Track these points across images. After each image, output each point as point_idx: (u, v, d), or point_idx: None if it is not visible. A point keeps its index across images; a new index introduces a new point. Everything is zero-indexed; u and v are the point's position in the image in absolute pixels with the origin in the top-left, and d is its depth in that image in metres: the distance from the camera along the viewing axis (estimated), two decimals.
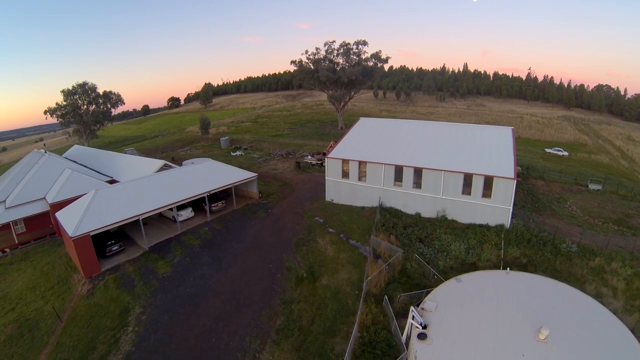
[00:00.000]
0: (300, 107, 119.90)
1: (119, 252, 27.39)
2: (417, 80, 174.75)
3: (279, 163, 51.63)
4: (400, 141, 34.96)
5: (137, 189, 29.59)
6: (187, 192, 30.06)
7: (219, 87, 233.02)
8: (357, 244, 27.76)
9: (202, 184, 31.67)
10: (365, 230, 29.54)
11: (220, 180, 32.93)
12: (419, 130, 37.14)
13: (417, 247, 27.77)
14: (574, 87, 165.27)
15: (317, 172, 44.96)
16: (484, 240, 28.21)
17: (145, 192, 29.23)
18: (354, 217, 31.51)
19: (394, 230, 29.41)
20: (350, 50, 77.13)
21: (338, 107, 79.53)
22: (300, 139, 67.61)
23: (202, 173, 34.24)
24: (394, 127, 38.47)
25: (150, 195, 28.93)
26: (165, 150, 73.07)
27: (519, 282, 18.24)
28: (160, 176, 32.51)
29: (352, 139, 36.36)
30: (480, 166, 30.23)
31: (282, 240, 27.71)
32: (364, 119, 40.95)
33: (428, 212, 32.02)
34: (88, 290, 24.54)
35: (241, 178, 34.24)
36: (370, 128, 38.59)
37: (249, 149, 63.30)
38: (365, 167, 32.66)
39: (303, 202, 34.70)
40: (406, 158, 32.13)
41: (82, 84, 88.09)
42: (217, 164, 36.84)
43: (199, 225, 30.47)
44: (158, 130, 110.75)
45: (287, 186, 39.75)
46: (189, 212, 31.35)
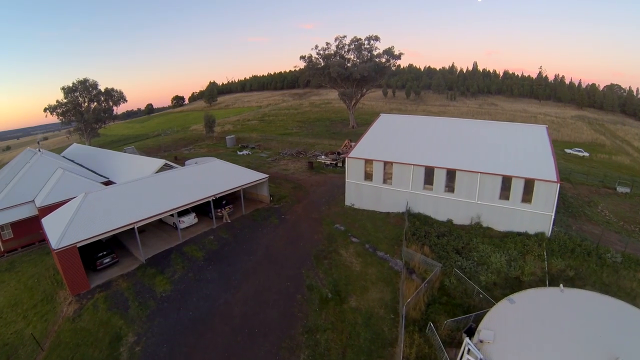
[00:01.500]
0: (307, 105, 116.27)
1: (112, 264, 23.82)
2: (426, 79, 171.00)
3: (290, 163, 47.95)
4: (427, 140, 31.15)
5: (133, 192, 26.00)
6: (189, 196, 26.44)
7: (224, 86, 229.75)
8: (386, 256, 24.01)
9: (207, 187, 28.04)
10: (394, 239, 25.81)
11: (227, 182, 29.28)
12: (447, 128, 33.30)
13: (455, 259, 24.22)
14: (584, 87, 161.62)
15: (332, 172, 41.25)
16: (525, 251, 24.90)
17: (142, 196, 25.64)
18: (378, 224, 27.76)
19: (426, 239, 25.73)
20: (361, 46, 73.39)
21: (349, 105, 75.77)
22: (310, 137, 63.90)
23: (206, 174, 30.61)
24: (419, 125, 34.62)
25: (148, 199, 25.33)
26: (168, 149, 69.77)
27: (577, 302, 16.18)
28: (160, 178, 28.87)
29: (373, 137, 32.58)
30: (520, 168, 26.70)
31: (300, 252, 23.97)
32: (384, 116, 37.17)
33: (461, 218, 28.35)
34: (74, 312, 20.95)
35: (251, 180, 30.56)
36: (392, 125, 34.80)
37: (256, 148, 59.71)
38: (391, 168, 28.89)
39: (319, 207, 30.98)
40: (437, 158, 28.39)
41: (82, 80, 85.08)
42: (224, 164, 33.21)
43: (203, 233, 26.81)
44: (161, 129, 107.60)
45: (300, 189, 36.04)
46: (191, 218, 27.71)
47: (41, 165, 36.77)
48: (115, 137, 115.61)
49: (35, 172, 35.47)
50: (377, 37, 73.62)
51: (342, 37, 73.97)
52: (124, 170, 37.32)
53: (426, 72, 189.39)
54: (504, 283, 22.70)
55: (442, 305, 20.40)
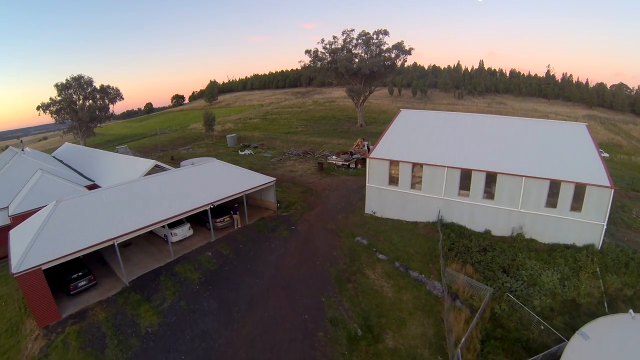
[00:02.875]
0: (311, 103, 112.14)
1: (88, 288, 19.67)
2: (432, 78, 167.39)
3: (297, 164, 43.76)
4: (459, 139, 27.00)
5: (115, 200, 21.81)
6: (183, 204, 22.27)
7: (225, 85, 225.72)
8: (421, 278, 19.88)
9: (204, 193, 23.89)
10: (427, 255, 21.71)
11: (227, 187, 25.11)
12: (477, 125, 29.13)
13: (502, 280, 20.43)
14: (592, 86, 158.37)
15: (345, 174, 37.07)
16: (577, 267, 21.41)
17: (125, 204, 21.46)
18: (407, 236, 23.62)
19: (467, 256, 21.68)
20: (370, 40, 69.18)
21: (357, 103, 71.55)
22: (316, 136, 59.70)
23: (204, 177, 26.44)
24: (446, 122, 30.41)
25: (133, 208, 21.16)
26: (165, 149, 65.67)
27: None
28: (148, 182, 24.63)
29: (395, 135, 28.39)
30: (568, 171, 22.95)
31: (317, 273, 19.78)
32: (405, 112, 32.97)
33: (501, 229, 24.41)
34: (40, 350, 16.80)
35: (255, 184, 26.36)
36: (415, 122, 30.60)
37: (259, 148, 55.55)
38: (420, 171, 24.74)
39: (335, 215, 26.81)
40: (474, 160, 24.32)
41: (76, 77, 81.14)
42: (224, 166, 28.99)
43: (200, 248, 22.61)
44: (159, 128, 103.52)
45: (311, 193, 31.84)
46: (185, 229, 23.48)
47: (20, 167, 32.71)
48: (113, 136, 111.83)
49: (14, 175, 31.42)
50: (386, 31, 69.46)
51: (349, 31, 69.71)
52: (111, 172, 33.19)
53: (431, 70, 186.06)
54: (561, 307, 19.18)
55: (499, 341, 16.53)
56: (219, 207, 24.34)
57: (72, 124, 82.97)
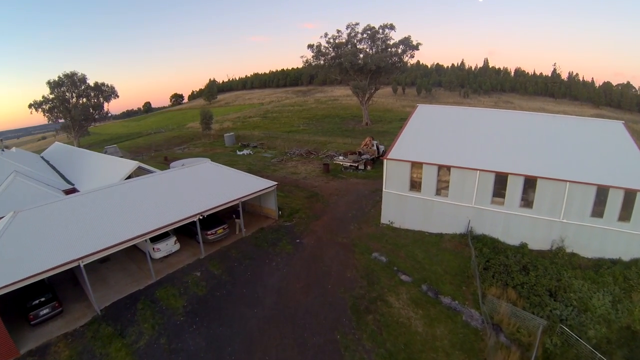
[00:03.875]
0: (313, 102, 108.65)
1: (53, 316, 16.23)
2: (436, 76, 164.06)
3: (299, 165, 40.25)
4: (488, 138, 23.53)
5: (87, 209, 18.37)
6: (167, 214, 18.82)
7: (224, 84, 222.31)
8: (455, 305, 16.43)
9: (193, 200, 20.43)
10: (458, 275, 18.28)
11: (220, 193, 21.65)
12: (506, 122, 25.68)
13: (551, 305, 17.17)
14: (599, 85, 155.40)
15: (354, 177, 33.58)
16: (629, 287, 18.14)
17: (98, 214, 18.01)
18: (432, 251, 20.18)
19: (507, 276, 18.25)
20: (375, 35, 65.68)
21: (362, 100, 68.06)
22: (320, 135, 56.20)
23: (193, 182, 22.98)
24: (470, 118, 26.91)
25: (107, 219, 17.71)
26: (159, 149, 62.22)
27: None
28: (127, 187, 21.13)
29: (414, 133, 24.91)
30: (615, 175, 19.70)
31: (329, 301, 16.30)
32: (423, 107, 29.52)
33: (539, 242, 21.08)
34: None
35: (253, 189, 22.87)
36: (436, 119, 27.13)
37: (258, 147, 52.06)
38: (447, 174, 21.27)
39: (346, 226, 23.32)
40: (509, 162, 20.95)
41: (69, 74, 77.81)
42: (217, 168, 25.50)
43: (187, 267, 19.14)
44: (156, 127, 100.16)
45: (317, 198, 28.36)
46: (170, 244, 19.96)
47: None
48: (108, 135, 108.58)
49: None
50: (393, 25, 66.03)
51: (354, 25, 66.23)
52: (91, 174, 29.75)
53: (435, 69, 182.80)
54: (618, 337, 16.04)
55: None
56: (211, 217, 20.87)
57: (65, 123, 79.87)
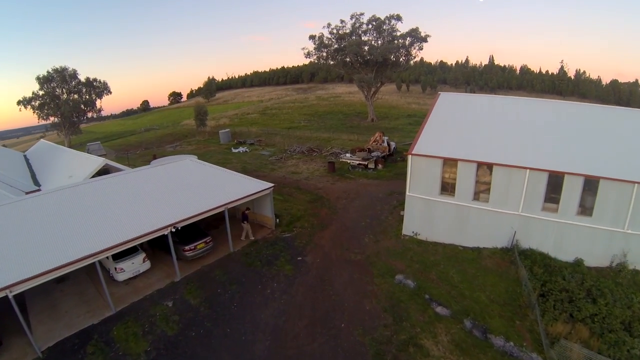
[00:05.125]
0: (314, 99, 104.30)
1: None
2: (440, 73, 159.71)
3: (301, 163, 35.75)
4: (531, 131, 18.98)
5: (30, 217, 13.92)
6: (131, 226, 14.38)
7: (224, 82, 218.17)
8: (510, 348, 11.97)
9: (166, 206, 15.99)
10: (508, 303, 13.86)
11: (202, 198, 17.22)
12: (552, 114, 21.03)
13: (629, 344, 12.85)
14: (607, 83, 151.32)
15: (363, 177, 29.07)
16: None
17: (43, 225, 13.56)
18: (470, 271, 15.72)
19: (572, 306, 13.90)
20: (381, 26, 61.28)
21: (367, 95, 63.63)
22: (323, 131, 51.69)
23: (169, 183, 18.52)
24: (505, 108, 22.35)
25: (53, 231, 13.27)
26: (150, 146, 57.87)
27: None
28: (86, 190, 16.65)
29: (440, 125, 20.36)
30: None
31: (344, 348, 11.78)
32: (446, 95, 24.99)
33: (597, 257, 16.73)
34: None
35: (243, 192, 18.41)
36: (463, 108, 22.60)
37: (256, 144, 47.57)
38: (488, 174, 16.80)
39: (360, 238, 18.83)
40: (564, 160, 16.47)
41: (59, 69, 73.51)
42: (200, 167, 21.03)
43: (158, 293, 14.69)
44: (150, 125, 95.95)
45: (321, 203, 23.87)
46: (137, 262, 15.50)
47: None
48: (102, 134, 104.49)
49: None
50: (399, 16, 61.60)
51: (358, 15, 61.82)
52: (58, 173, 25.39)
53: (439, 66, 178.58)
54: None
55: None
56: (190, 228, 16.45)
57: (57, 120, 75.96)
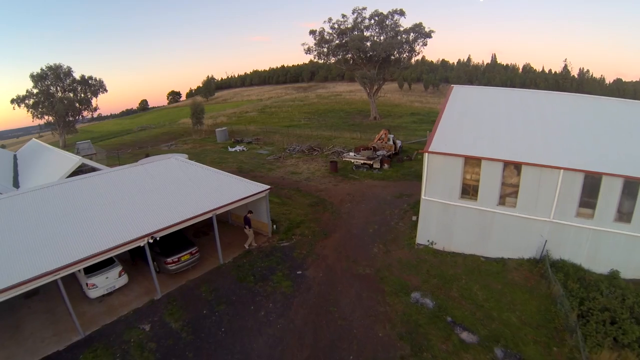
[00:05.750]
0: (314, 97, 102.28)
1: None
2: (442, 72, 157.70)
3: (301, 163, 33.58)
4: (562, 128, 16.76)
5: None
6: (102, 235, 12.26)
7: (223, 81, 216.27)
8: None
9: (144, 213, 13.84)
10: (542, 325, 11.78)
11: (187, 202, 15.09)
12: (581, 110, 18.83)
13: None
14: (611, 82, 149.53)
15: (369, 178, 26.92)
16: None
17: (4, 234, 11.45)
18: (495, 287, 13.59)
19: (617, 330, 11.81)
20: (384, 21, 59.19)
21: (370, 92, 61.54)
22: (324, 130, 49.55)
23: (149, 185, 16.36)
24: (527, 103, 20.07)
25: (6, 244, 11.15)
26: (144, 145, 55.83)
27: None
28: (50, 194, 14.49)
29: (456, 120, 18.17)
30: None
31: None
32: (459, 88, 22.69)
33: (634, 268, 14.69)
34: None
35: (234, 196, 16.23)
36: (480, 103, 20.40)
37: (254, 143, 45.42)
38: (516, 174, 14.64)
39: (368, 247, 16.68)
40: (601, 159, 14.34)
41: (53, 66, 71.56)
42: (186, 167, 18.84)
43: (134, 314, 12.55)
44: (146, 124, 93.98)
45: (324, 206, 21.71)
46: (113, 276, 13.34)
47: None
48: (99, 133, 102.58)
49: None
50: (403, 11, 59.46)
51: (360, 9, 59.68)
52: (36, 173, 23.29)
53: (440, 64, 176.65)
54: None
55: None
56: (173, 237, 14.33)
57: (48, 119, 74.31)
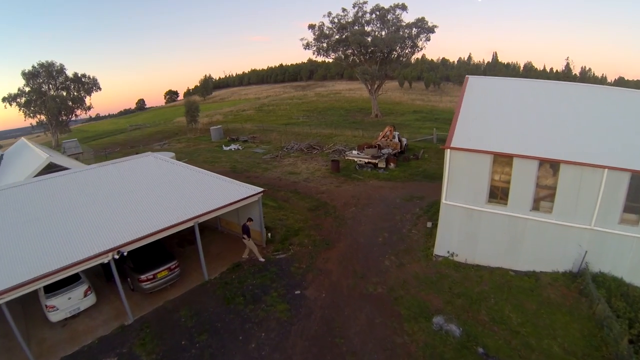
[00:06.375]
0: (313, 95, 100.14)
1: None
2: (443, 70, 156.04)
3: (299, 162, 31.33)
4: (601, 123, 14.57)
5: None
6: (61, 251, 10.03)
7: (221, 80, 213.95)
8: None
9: (114, 220, 11.60)
10: (589, 355, 9.46)
11: (163, 208, 12.84)
12: (610, 101, 16.69)
13: None
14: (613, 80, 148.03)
15: (374, 178, 24.69)
16: None
17: None
18: (529, 307, 11.37)
19: None
20: (385, 16, 57.10)
21: (371, 89, 59.37)
22: (323, 127, 47.28)
23: (122, 188, 14.07)
24: (551, 95, 17.99)
25: None
26: (136, 145, 53.55)
27: None
28: (6, 198, 12.26)
29: (477, 113, 15.97)
30: None
31: None
32: (475, 79, 20.43)
33: None
34: None
35: (221, 201, 13.93)
36: (501, 94, 18.11)
37: (249, 141, 43.14)
38: (552, 174, 12.44)
39: (378, 259, 14.42)
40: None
41: (45, 63, 69.06)
42: (165, 166, 16.55)
43: (99, 343, 10.30)
44: (142, 123, 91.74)
45: (325, 211, 19.45)
46: (77, 296, 11.04)
47: None
48: (94, 133, 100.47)
49: None
50: (405, 5, 57.30)
51: (361, 3, 57.50)
52: (12, 174, 21.03)
53: (441, 63, 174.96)
54: None
55: None
56: (148, 250, 12.09)
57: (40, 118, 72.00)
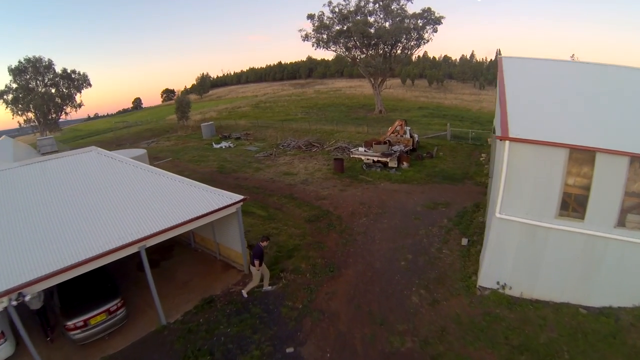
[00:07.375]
0: (312, 92, 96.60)
1: None
2: (446, 68, 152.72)
3: (297, 161, 27.57)
4: None
5: None
6: None
7: (218, 79, 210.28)
8: None
9: (21, 247, 7.89)
10: None
11: (98, 229, 9.15)
12: None
13: None
14: None
15: (385, 179, 20.97)
16: None
17: None
18: None
19: None
20: (389, 6, 53.38)
21: (375, 84, 55.75)
22: (324, 123, 43.51)
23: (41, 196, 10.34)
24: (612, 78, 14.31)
25: None
26: (123, 142, 49.98)
27: None
28: None
29: (529, 98, 12.25)
30: None
31: None
32: (510, 60, 16.71)
33: None
34: None
35: (183, 215, 10.24)
36: (549, 78, 14.42)
37: (242, 138, 39.37)
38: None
39: (401, 294, 10.62)
40: None
41: (32, 59, 65.74)
42: (116, 167, 12.74)
43: None
44: (132, 120, 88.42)
45: (328, 222, 15.66)
46: None
47: None
48: (86, 132, 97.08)
49: None
50: None
51: None
52: None
53: (443, 60, 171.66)
54: None
55: None
56: (84, 280, 8.40)
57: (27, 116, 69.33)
